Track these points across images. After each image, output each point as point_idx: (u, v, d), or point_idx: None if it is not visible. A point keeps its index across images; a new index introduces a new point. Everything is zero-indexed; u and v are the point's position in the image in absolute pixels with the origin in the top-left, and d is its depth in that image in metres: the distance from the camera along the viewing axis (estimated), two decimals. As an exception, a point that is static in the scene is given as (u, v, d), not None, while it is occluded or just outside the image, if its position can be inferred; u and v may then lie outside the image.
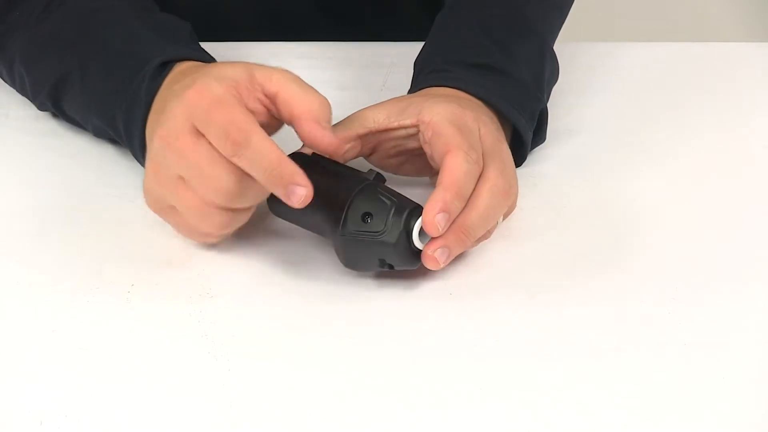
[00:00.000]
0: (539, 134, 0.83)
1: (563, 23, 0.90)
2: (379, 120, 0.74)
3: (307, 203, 0.67)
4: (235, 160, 0.66)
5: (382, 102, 0.76)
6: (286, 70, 0.71)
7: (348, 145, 0.74)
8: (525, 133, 0.79)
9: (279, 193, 0.67)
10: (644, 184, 0.81)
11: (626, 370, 0.66)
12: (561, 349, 0.67)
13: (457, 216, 0.69)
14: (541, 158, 0.84)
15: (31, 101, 0.85)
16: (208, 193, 0.67)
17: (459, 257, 0.72)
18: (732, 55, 1.00)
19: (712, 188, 0.82)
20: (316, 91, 0.70)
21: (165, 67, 0.75)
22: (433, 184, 0.78)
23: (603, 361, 0.66)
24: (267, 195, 0.70)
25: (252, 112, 0.68)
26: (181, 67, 0.75)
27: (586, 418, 0.63)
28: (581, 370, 0.66)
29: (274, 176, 0.66)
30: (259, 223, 0.74)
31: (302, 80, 0.70)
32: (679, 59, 0.98)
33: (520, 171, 0.77)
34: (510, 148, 0.75)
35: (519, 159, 0.80)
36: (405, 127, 0.74)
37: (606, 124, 0.89)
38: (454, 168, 0.69)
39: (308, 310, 0.70)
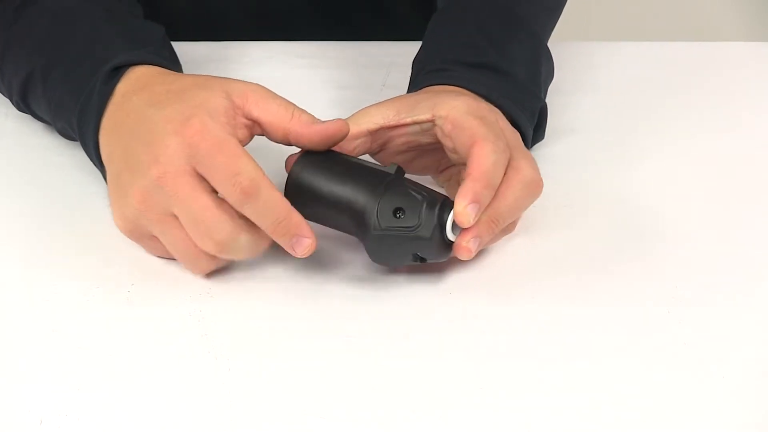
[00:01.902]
0: (539, 132, 0.83)
1: (556, 23, 0.90)
2: (389, 116, 0.74)
3: (311, 253, 0.68)
4: (242, 209, 0.67)
5: (388, 99, 0.75)
6: (256, 87, 0.71)
7: (358, 141, 0.74)
8: (527, 130, 0.79)
9: (284, 243, 0.68)
10: (644, 184, 0.81)
11: (626, 370, 0.66)
12: (561, 349, 0.67)
13: (488, 206, 0.69)
14: (540, 158, 0.83)
15: (10, 101, 0.85)
16: (201, 239, 0.68)
17: (459, 257, 0.72)
18: (732, 55, 1.00)
19: (712, 188, 0.82)
20: (291, 103, 0.70)
21: (119, 71, 0.74)
22: (437, 183, 0.79)
23: (603, 361, 0.66)
24: (256, 254, 0.69)
25: (241, 141, 0.69)
26: (136, 73, 0.74)
27: (585, 418, 0.63)
28: (581, 370, 0.66)
29: (282, 228, 0.67)
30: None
31: (275, 94, 0.71)
32: (678, 59, 0.98)
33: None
34: None
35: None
36: (419, 123, 0.74)
37: (605, 124, 0.89)
38: (482, 158, 0.69)
39: (308, 309, 0.70)
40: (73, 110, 0.75)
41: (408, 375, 0.65)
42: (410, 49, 0.84)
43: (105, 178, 0.74)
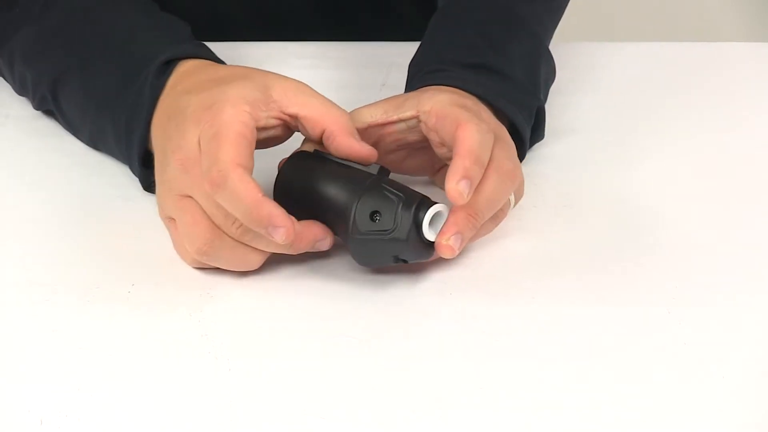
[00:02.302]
0: (537, 132, 0.83)
1: (558, 23, 0.90)
2: (376, 115, 0.74)
3: (290, 240, 0.67)
4: (215, 198, 0.67)
5: (377, 101, 0.76)
6: (299, 83, 0.71)
7: None
8: (523, 130, 0.79)
9: (262, 233, 0.67)
10: (644, 184, 0.81)
11: (626, 370, 0.66)
12: (561, 349, 0.67)
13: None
14: (540, 158, 0.84)
15: (31, 98, 0.85)
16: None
17: (459, 257, 0.72)
18: (732, 55, 1.00)
19: (712, 188, 0.82)
20: (335, 103, 0.71)
21: (168, 65, 0.75)
22: (433, 183, 0.79)
23: (603, 361, 0.66)
24: (243, 255, 0.69)
25: (264, 128, 0.70)
26: (184, 67, 0.75)
27: (585, 418, 0.63)
28: (581, 370, 0.66)
29: (252, 218, 0.66)
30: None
31: (317, 92, 0.71)
32: (678, 59, 0.98)
33: (520, 171, 0.77)
34: None
35: (518, 156, 0.80)
36: (405, 120, 0.74)
37: (605, 124, 0.89)
38: (468, 139, 0.69)
39: (308, 310, 0.70)
40: (121, 105, 0.76)
41: (408, 375, 0.65)
42: (411, 49, 0.84)
43: (140, 179, 0.76)
